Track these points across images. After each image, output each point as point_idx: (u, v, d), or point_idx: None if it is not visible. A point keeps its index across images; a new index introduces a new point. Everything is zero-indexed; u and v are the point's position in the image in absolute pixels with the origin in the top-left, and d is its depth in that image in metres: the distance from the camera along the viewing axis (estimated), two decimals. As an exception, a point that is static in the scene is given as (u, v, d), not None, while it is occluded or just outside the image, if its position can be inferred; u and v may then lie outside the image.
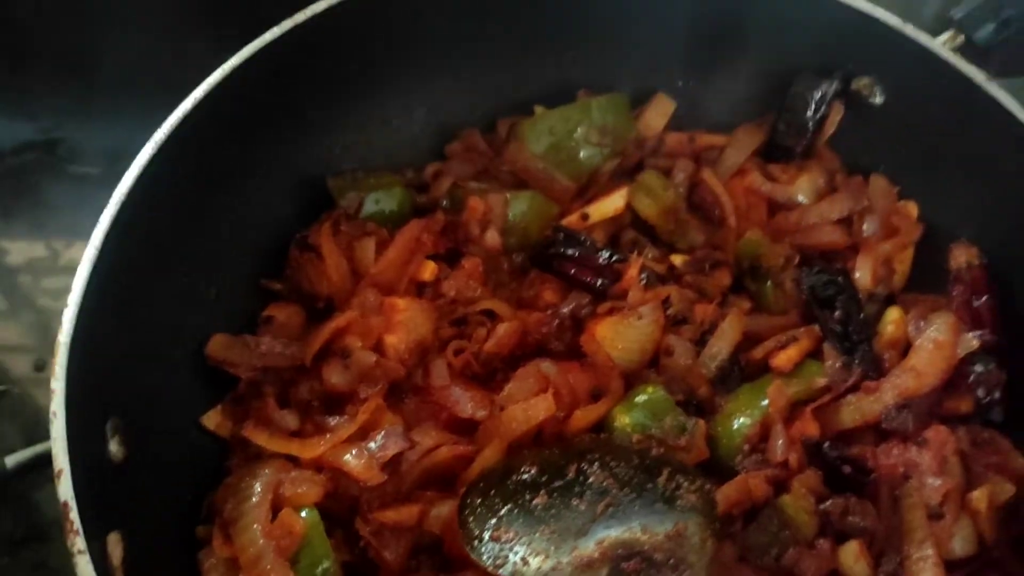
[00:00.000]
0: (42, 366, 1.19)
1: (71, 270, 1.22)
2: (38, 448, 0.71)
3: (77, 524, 0.66)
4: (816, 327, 0.96)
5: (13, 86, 1.38)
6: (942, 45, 0.96)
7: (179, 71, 1.38)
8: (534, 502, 0.81)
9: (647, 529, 0.79)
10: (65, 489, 0.68)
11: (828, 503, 0.86)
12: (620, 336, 0.95)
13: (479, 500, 0.83)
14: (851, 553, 0.84)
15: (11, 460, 0.70)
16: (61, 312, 1.16)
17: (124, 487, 0.77)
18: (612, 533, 0.79)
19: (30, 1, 1.47)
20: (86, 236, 1.23)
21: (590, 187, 1.07)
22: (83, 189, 1.30)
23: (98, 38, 1.41)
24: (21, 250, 1.26)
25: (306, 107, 1.02)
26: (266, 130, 0.99)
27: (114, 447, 0.78)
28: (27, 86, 1.38)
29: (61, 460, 0.69)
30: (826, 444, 0.87)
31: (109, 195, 1.30)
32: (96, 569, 0.66)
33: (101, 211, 1.25)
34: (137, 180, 0.84)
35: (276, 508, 0.83)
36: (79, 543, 0.66)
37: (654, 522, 0.79)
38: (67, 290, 1.19)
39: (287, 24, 0.95)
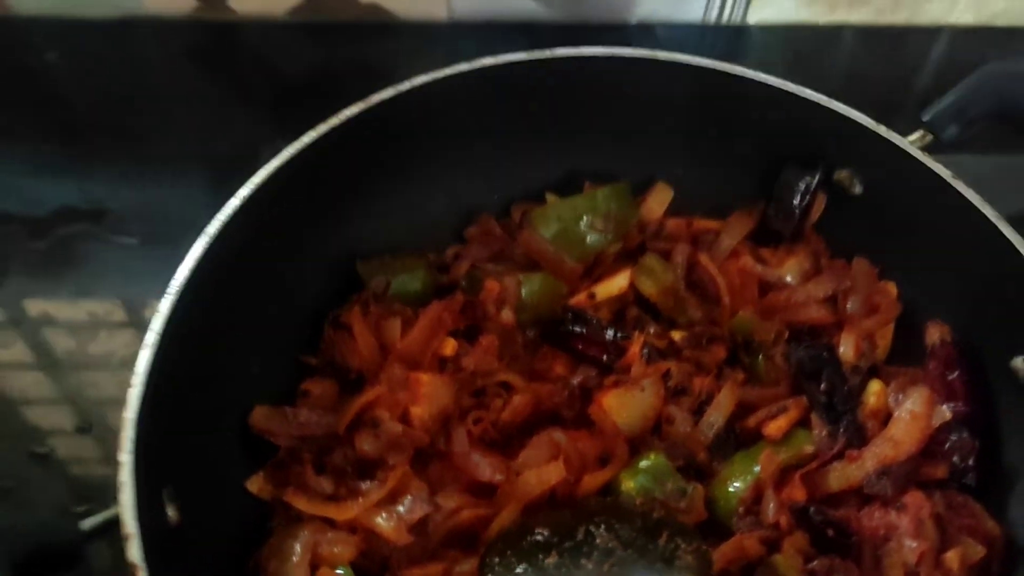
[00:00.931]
0: (86, 428, 1.26)
1: (113, 336, 1.31)
2: (107, 513, 0.80)
3: (147, 583, 0.75)
4: (804, 398, 1.05)
5: (64, 159, 1.48)
6: (912, 144, 1.06)
7: (224, 149, 1.51)
8: (547, 561, 0.90)
9: (648, 587, 0.87)
10: (135, 552, 0.76)
11: (815, 563, 0.93)
12: (625, 406, 1.04)
13: (497, 559, 0.91)
14: (837, 609, 0.92)
15: (87, 524, 0.79)
16: (103, 378, 1.25)
17: (180, 549, 0.85)
18: (617, 591, 0.87)
19: (75, 79, 1.59)
20: (129, 302, 1.32)
21: (596, 268, 1.16)
22: (127, 258, 1.37)
23: (147, 117, 1.52)
24: (66, 315, 1.33)
25: (339, 199, 1.12)
26: (303, 221, 1.09)
27: (171, 512, 0.86)
28: (77, 159, 1.48)
29: (130, 525, 0.77)
30: (811, 509, 0.95)
31: (151, 265, 1.41)
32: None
33: (143, 279, 1.35)
34: (192, 272, 0.94)
35: (314, 566, 0.91)
36: (148, 601, 0.75)
37: (655, 581, 0.88)
38: (110, 355, 1.28)
39: (322, 127, 1.05)
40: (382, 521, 0.93)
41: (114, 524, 0.80)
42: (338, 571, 0.91)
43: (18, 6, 1.60)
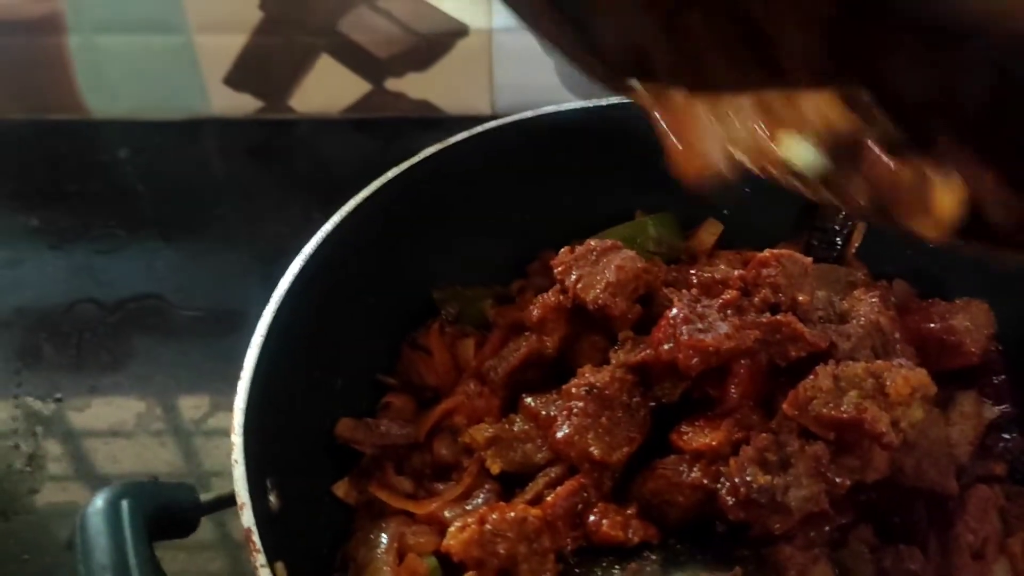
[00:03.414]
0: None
1: (183, 403, 1.36)
2: (221, 491, 0.86)
3: (259, 544, 0.81)
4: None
5: (133, 246, 1.62)
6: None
7: (282, 233, 1.61)
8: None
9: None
10: (247, 517, 0.83)
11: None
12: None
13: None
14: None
15: (204, 497, 0.85)
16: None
17: (281, 532, 0.91)
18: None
19: (133, 175, 1.74)
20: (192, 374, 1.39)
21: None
22: (193, 332, 1.50)
23: (206, 205, 1.67)
24: (135, 387, 1.43)
25: (417, 234, 1.20)
26: (387, 257, 1.18)
27: (272, 499, 0.92)
28: (145, 246, 1.62)
29: (243, 496, 0.84)
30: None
31: (216, 338, 1.49)
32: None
33: (208, 352, 1.44)
34: (292, 282, 1.03)
35: (401, 555, 0.96)
36: (260, 559, 0.80)
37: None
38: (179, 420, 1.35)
39: (404, 165, 1.16)
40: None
41: (226, 501, 0.87)
42: (425, 560, 0.95)
43: (96, 111, 1.78)
